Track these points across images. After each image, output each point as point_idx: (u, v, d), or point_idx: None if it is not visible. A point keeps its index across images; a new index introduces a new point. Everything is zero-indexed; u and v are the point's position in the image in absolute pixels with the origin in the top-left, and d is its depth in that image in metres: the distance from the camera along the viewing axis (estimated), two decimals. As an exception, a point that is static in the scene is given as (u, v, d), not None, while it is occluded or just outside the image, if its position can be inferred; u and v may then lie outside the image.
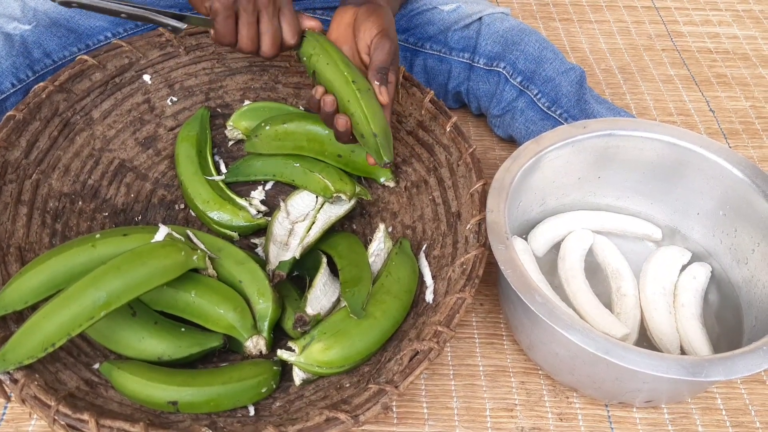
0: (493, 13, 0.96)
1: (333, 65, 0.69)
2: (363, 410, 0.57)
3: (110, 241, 0.67)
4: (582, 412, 0.73)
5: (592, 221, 0.84)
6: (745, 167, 0.75)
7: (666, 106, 1.12)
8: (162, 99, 0.88)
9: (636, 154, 0.80)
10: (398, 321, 0.70)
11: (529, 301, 0.62)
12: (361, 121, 0.67)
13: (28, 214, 0.74)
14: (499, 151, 1.03)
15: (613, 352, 0.58)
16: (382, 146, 0.68)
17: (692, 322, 0.74)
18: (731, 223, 0.78)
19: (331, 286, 0.73)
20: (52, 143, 0.78)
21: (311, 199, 0.82)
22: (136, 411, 0.62)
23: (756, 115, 1.12)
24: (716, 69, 1.20)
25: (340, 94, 0.69)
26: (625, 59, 1.21)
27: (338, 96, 0.69)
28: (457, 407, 0.73)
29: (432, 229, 0.79)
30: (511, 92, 0.94)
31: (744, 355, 0.60)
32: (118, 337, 0.66)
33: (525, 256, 0.76)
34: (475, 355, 0.77)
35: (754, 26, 1.31)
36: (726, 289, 0.79)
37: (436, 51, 0.97)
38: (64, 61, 0.90)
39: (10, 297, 0.63)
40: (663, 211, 0.84)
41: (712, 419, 0.73)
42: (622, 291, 0.76)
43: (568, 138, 0.77)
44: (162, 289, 0.66)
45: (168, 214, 0.86)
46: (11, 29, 0.87)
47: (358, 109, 0.67)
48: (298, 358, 0.66)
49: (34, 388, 0.57)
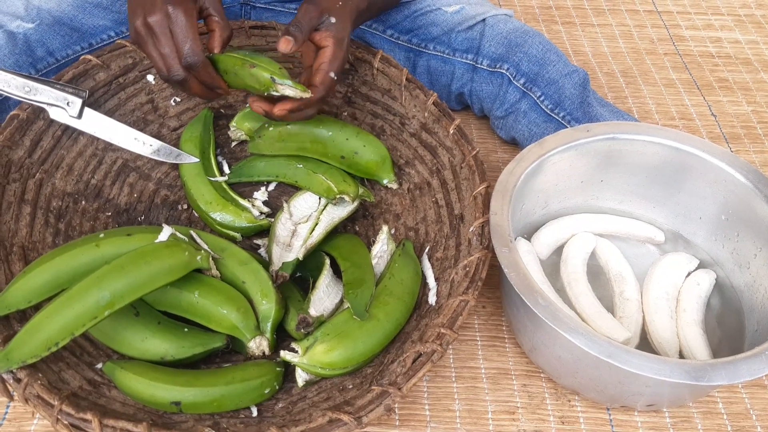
0: (497, 15, 0.96)
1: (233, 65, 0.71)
2: (366, 412, 0.57)
3: (114, 241, 0.67)
4: (584, 416, 0.73)
5: (594, 224, 0.84)
6: (747, 172, 0.75)
7: (668, 110, 1.12)
8: (165, 99, 0.88)
9: (638, 158, 0.80)
10: (401, 323, 0.70)
11: (532, 303, 0.62)
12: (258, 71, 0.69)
13: (31, 213, 0.74)
14: (502, 154, 1.03)
15: (616, 356, 0.59)
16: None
17: (693, 327, 0.74)
18: (733, 228, 0.78)
19: (334, 287, 0.73)
20: (55, 143, 0.78)
21: (314, 201, 0.82)
22: (139, 411, 0.62)
23: (758, 119, 1.12)
24: (718, 73, 1.20)
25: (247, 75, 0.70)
26: (627, 63, 1.21)
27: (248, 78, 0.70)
28: (459, 410, 0.73)
29: (435, 231, 0.79)
30: (514, 94, 0.94)
31: (746, 359, 0.60)
32: (121, 337, 0.66)
33: (529, 257, 0.76)
34: (477, 358, 0.78)
35: (756, 31, 1.31)
36: (728, 293, 0.79)
37: (439, 52, 0.97)
38: (67, 59, 0.90)
39: (13, 296, 0.63)
40: (665, 215, 0.85)
41: (714, 423, 0.73)
42: (625, 295, 0.77)
43: (571, 141, 0.77)
44: (165, 290, 0.66)
45: (171, 214, 0.86)
46: (14, 27, 0.87)
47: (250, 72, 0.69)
48: (301, 360, 0.66)
49: (37, 387, 0.57)
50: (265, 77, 0.68)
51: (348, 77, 0.87)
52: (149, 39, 0.68)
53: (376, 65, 0.84)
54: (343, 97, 0.89)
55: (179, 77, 0.69)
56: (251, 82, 0.70)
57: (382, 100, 0.86)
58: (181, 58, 0.68)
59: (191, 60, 0.68)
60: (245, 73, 0.70)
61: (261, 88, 0.70)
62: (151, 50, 0.69)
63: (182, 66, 0.68)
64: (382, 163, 0.84)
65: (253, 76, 0.69)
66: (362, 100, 0.88)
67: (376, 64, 0.84)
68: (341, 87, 0.88)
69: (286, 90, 0.69)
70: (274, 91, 0.69)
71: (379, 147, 0.84)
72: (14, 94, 0.73)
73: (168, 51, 0.68)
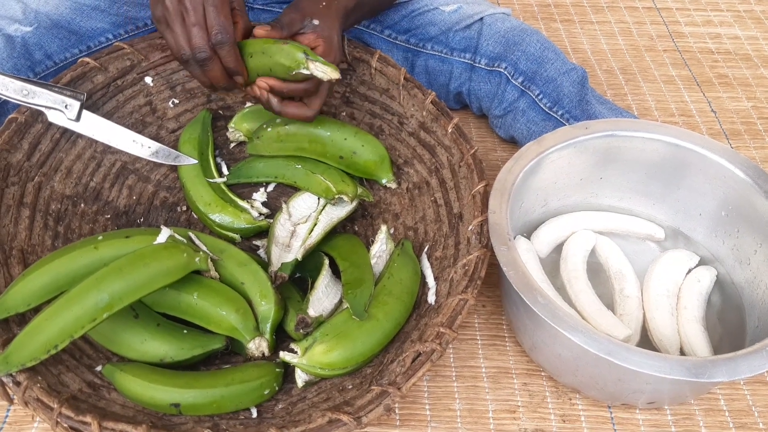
0: (495, 14, 0.96)
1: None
2: (365, 412, 0.57)
3: (113, 243, 0.67)
4: (585, 414, 0.73)
5: (594, 222, 0.83)
6: (747, 168, 0.75)
7: (668, 107, 1.12)
8: (164, 101, 0.88)
9: (638, 154, 0.80)
10: (400, 322, 0.70)
11: (532, 302, 0.62)
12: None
13: (30, 216, 0.74)
14: (501, 152, 1.03)
15: (616, 354, 0.58)
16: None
17: (693, 324, 0.74)
18: (733, 224, 0.78)
19: (333, 287, 0.73)
20: (54, 146, 0.78)
21: (313, 201, 0.82)
22: (138, 413, 0.62)
23: (758, 115, 1.11)
24: (718, 69, 1.20)
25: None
26: (627, 60, 1.21)
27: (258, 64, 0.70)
28: (459, 409, 0.73)
29: (434, 230, 0.78)
30: (512, 93, 0.94)
31: (747, 356, 0.59)
32: (120, 339, 0.66)
33: (528, 255, 0.76)
34: (477, 357, 0.77)
35: (755, 27, 1.30)
36: (729, 290, 0.79)
37: (437, 52, 0.97)
38: (66, 63, 0.90)
39: (12, 299, 0.63)
40: (665, 212, 0.84)
41: (715, 420, 0.73)
42: (625, 293, 0.76)
43: (570, 139, 0.77)
44: (164, 291, 0.66)
45: (170, 216, 0.86)
46: (12, 31, 0.87)
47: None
48: (301, 360, 0.66)
49: (36, 390, 0.57)
50: (298, 54, 0.67)
51: (346, 77, 0.87)
52: (178, 15, 0.66)
53: (374, 65, 0.84)
54: (342, 97, 0.89)
55: (204, 55, 0.67)
56: (280, 59, 0.68)
57: (380, 100, 0.86)
58: (211, 32, 0.66)
59: (221, 37, 0.66)
60: (275, 49, 0.68)
61: (291, 66, 0.67)
62: (177, 27, 0.66)
63: (210, 43, 0.67)
64: (381, 163, 0.84)
65: (283, 51, 0.67)
66: (360, 100, 0.88)
67: (374, 63, 0.84)
68: (339, 87, 0.88)
69: (316, 68, 0.67)
70: (304, 68, 0.67)
71: (378, 147, 0.84)
72: (12, 98, 0.73)
73: (197, 26, 0.66)
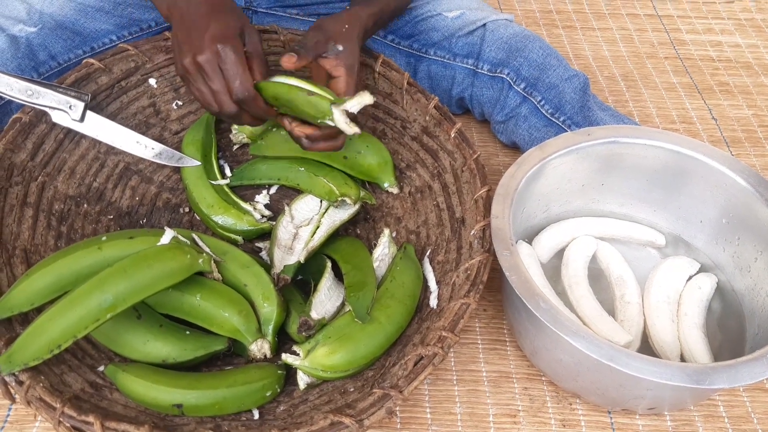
0: (497, 20, 0.97)
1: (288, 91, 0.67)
2: (367, 415, 0.57)
3: (116, 244, 0.67)
4: (585, 419, 0.73)
5: (595, 228, 0.84)
6: (748, 175, 0.76)
7: (668, 114, 1.13)
8: (167, 103, 0.89)
9: (639, 161, 0.80)
10: (402, 326, 0.70)
11: (534, 307, 0.62)
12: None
13: (33, 216, 0.74)
14: (503, 157, 1.03)
15: (617, 359, 0.59)
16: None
17: (694, 331, 0.74)
18: (734, 232, 0.78)
19: (336, 290, 0.73)
20: (57, 146, 0.79)
21: (316, 203, 0.83)
22: (140, 413, 0.62)
23: (758, 123, 1.12)
24: (718, 77, 1.21)
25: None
26: (628, 67, 1.22)
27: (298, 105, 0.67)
28: (460, 413, 0.73)
29: (436, 234, 0.79)
30: (514, 98, 0.94)
31: (747, 363, 0.60)
32: (123, 340, 0.67)
33: (530, 260, 0.76)
34: (478, 361, 0.78)
35: (756, 35, 1.31)
36: (729, 297, 0.79)
37: (440, 57, 0.98)
38: (69, 63, 0.90)
39: (16, 299, 0.63)
40: (666, 219, 0.85)
41: (715, 427, 0.73)
42: (626, 298, 0.77)
43: (572, 145, 0.78)
44: (167, 292, 0.66)
45: (173, 217, 0.86)
46: (17, 31, 0.87)
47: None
48: (303, 362, 0.66)
49: (39, 389, 0.57)
50: (325, 105, 0.64)
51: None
52: (198, 76, 0.68)
53: (377, 69, 0.84)
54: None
55: (232, 112, 0.69)
56: (307, 109, 0.66)
57: (383, 104, 0.87)
58: (232, 93, 0.68)
59: (242, 96, 0.67)
60: (301, 100, 0.66)
61: (317, 116, 0.65)
62: (201, 87, 0.69)
63: (233, 101, 0.68)
64: (384, 166, 0.84)
65: (310, 103, 0.65)
66: (363, 104, 0.88)
67: (377, 68, 0.84)
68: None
69: (341, 121, 0.64)
70: (330, 120, 0.64)
71: (382, 149, 0.84)
72: (17, 98, 0.73)
73: (219, 88, 0.68)
